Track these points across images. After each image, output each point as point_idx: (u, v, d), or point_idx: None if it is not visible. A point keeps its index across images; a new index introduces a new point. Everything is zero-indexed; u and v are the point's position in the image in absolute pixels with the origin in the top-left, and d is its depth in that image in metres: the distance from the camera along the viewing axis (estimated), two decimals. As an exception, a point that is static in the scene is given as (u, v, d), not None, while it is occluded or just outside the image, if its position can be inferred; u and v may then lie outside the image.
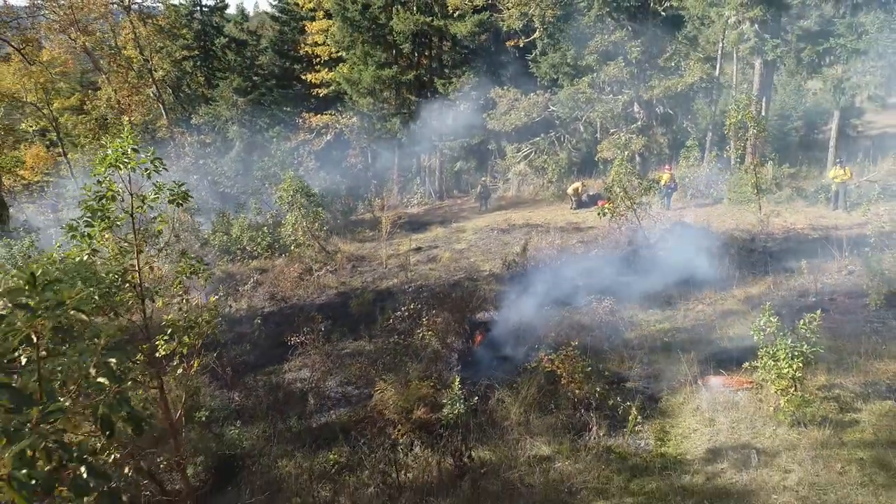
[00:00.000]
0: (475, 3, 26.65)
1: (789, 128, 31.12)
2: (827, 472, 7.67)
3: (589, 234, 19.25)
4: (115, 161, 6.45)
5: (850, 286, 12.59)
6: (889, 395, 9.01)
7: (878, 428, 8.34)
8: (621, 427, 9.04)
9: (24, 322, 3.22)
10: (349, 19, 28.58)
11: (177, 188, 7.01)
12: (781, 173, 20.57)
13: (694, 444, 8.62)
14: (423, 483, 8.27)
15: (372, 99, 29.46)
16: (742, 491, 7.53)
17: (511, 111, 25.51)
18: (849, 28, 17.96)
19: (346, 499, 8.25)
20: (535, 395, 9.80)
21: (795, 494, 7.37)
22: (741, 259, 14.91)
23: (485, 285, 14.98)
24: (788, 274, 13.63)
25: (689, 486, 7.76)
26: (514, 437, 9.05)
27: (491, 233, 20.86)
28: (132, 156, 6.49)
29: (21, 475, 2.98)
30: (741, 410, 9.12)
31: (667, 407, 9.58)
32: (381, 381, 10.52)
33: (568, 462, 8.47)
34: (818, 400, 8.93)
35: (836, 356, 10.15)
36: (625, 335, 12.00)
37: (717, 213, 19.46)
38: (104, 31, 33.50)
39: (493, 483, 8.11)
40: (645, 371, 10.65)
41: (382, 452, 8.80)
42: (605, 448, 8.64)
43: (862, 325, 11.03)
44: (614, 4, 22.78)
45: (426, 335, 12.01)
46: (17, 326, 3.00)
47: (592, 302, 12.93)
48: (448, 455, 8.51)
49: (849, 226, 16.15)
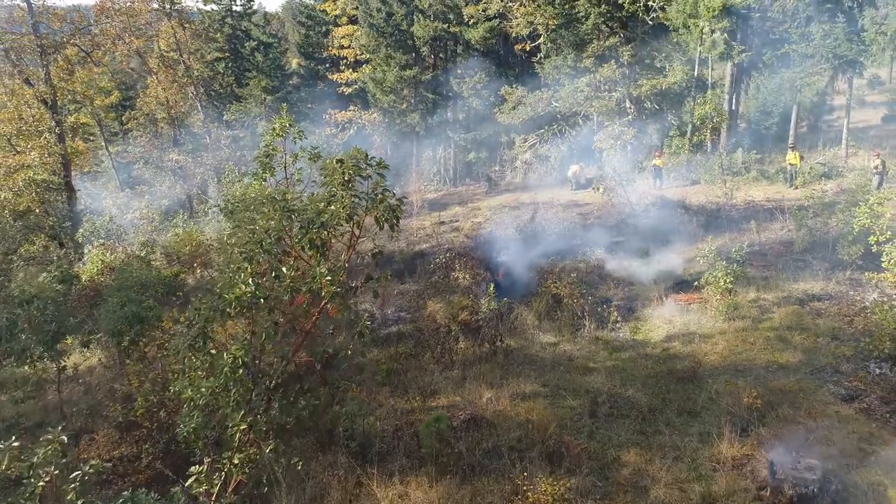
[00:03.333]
0: (487, 12, 30.31)
1: (770, 122, 34.79)
2: (743, 344, 11.40)
3: (586, 209, 22.89)
4: (279, 132, 10.14)
5: (785, 239, 16.29)
6: (796, 303, 12.71)
7: (784, 320, 12.05)
8: (606, 325, 12.75)
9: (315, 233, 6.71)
10: (374, 26, 32.26)
11: (312, 151, 10.69)
12: (750, 158, 24.20)
13: (656, 334, 12.35)
14: (468, 358, 11.96)
15: (394, 96, 33.11)
16: (686, 355, 11.25)
17: (518, 107, 29.15)
18: (801, 36, 21.58)
19: (414, 372, 11.92)
20: (544, 308, 13.52)
21: (719, 355, 11.09)
22: (708, 223, 18.56)
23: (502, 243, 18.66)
24: (742, 232, 17.31)
25: (650, 354, 11.48)
26: (531, 333, 12.77)
27: (503, 209, 24.51)
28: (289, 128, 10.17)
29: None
30: (692, 314, 12.83)
31: (639, 314, 13.31)
32: (430, 301, 14.22)
33: (568, 345, 12.18)
34: (746, 305, 12.65)
35: (766, 281, 13.85)
36: (612, 274, 15.68)
37: (694, 191, 23.11)
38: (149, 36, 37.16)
39: (518, 356, 11.83)
40: (625, 295, 14.36)
41: (437, 342, 12.47)
42: (594, 337, 12.38)
43: (787, 262, 14.73)
44: (608, 14, 26.42)
45: (459, 275, 15.69)
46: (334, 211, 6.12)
47: (587, 252, 16.61)
48: (485, 342, 12.21)
49: (797, 198, 19.80)
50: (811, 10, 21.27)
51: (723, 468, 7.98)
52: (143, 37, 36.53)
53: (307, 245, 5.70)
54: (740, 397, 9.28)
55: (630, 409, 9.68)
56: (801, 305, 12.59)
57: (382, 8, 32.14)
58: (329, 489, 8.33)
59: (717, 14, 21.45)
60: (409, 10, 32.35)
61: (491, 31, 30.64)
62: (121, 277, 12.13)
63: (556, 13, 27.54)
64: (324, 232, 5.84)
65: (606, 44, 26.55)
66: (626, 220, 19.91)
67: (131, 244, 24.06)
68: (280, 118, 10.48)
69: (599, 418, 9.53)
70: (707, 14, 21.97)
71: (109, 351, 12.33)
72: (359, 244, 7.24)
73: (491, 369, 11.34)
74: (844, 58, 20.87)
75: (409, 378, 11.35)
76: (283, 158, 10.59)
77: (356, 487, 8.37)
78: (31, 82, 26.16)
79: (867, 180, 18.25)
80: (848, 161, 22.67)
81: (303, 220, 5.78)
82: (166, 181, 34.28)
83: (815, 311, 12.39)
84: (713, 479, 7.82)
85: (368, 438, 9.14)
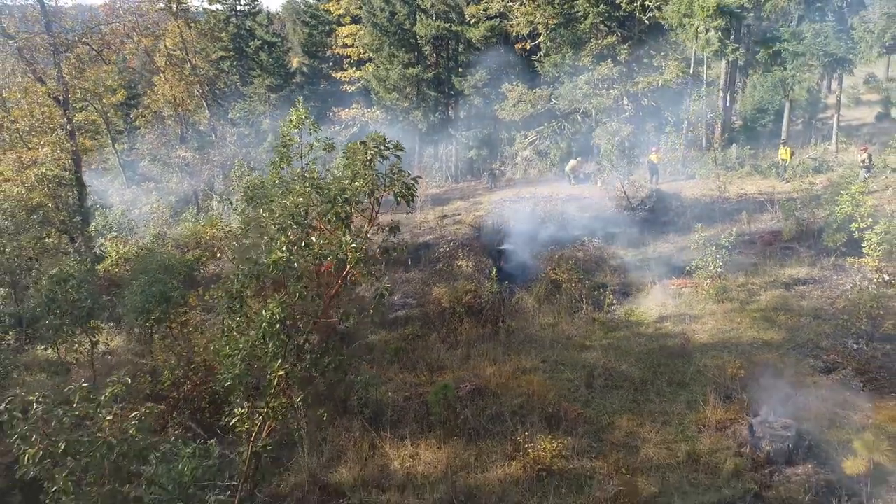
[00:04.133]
0: (488, 11, 31.03)
1: (765, 120, 35.54)
2: (730, 323, 12.12)
3: (585, 202, 23.55)
4: (296, 123, 10.84)
5: (774, 228, 17.00)
6: (782, 287, 13.42)
7: (770, 302, 12.77)
8: (602, 308, 13.46)
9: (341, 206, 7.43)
10: (378, 25, 32.98)
11: (327, 141, 11.39)
12: (744, 154, 24.91)
13: (649, 315, 13.06)
14: (472, 338, 12.66)
15: (397, 94, 33.83)
16: (677, 333, 11.97)
17: (519, 104, 29.88)
18: (792, 35, 22.27)
19: (421, 351, 12.63)
20: (544, 292, 14.25)
21: (708, 334, 11.82)
22: (701, 214, 19.26)
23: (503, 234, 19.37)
24: (733, 222, 18.01)
25: (643, 333, 12.20)
26: (531, 315, 13.49)
27: (504, 203, 25.18)
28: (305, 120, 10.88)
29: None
30: (683, 298, 13.55)
31: (634, 298, 14.03)
32: (435, 287, 14.94)
33: (566, 326, 12.90)
34: (735, 288, 13.36)
35: (754, 267, 14.56)
36: (608, 262, 16.39)
37: (689, 185, 23.81)
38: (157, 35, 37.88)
39: (519, 336, 12.54)
40: (621, 280, 15.07)
41: (443, 323, 13.19)
42: (591, 318, 13.10)
43: (776, 250, 15.44)
44: (606, 14, 27.15)
45: (462, 263, 16.40)
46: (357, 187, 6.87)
47: (585, 241, 17.32)
48: (488, 323, 12.93)
49: (787, 191, 20.52)
50: (802, 10, 21.96)
51: (707, 430, 8.71)
52: (151, 36, 37.22)
53: (333, 218, 6.43)
54: (725, 369, 10.01)
55: (623, 381, 10.40)
56: (787, 289, 13.31)
57: (386, 7, 32.85)
58: (345, 451, 9.07)
59: (712, 13, 22.15)
60: (411, 10, 33.05)
61: (492, 30, 31.35)
62: (145, 262, 12.85)
63: (556, 13, 28.27)
64: (348, 206, 6.57)
65: (604, 42, 27.27)
66: (623, 213, 20.61)
67: (142, 237, 24.83)
68: (296, 110, 11.17)
69: (595, 389, 10.25)
70: (701, 13, 22.67)
71: (133, 331, 13.06)
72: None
73: (493, 347, 12.06)
74: (834, 56, 21.58)
75: (416, 356, 12.07)
76: (300, 148, 11.30)
77: (370, 449, 9.10)
78: (43, 80, 26.86)
79: (854, 173, 18.96)
80: (838, 156, 23.37)
81: (329, 196, 6.50)
82: (174, 177, 35.05)
83: (799, 293, 13.12)
84: (698, 440, 8.55)
85: (380, 407, 9.87)
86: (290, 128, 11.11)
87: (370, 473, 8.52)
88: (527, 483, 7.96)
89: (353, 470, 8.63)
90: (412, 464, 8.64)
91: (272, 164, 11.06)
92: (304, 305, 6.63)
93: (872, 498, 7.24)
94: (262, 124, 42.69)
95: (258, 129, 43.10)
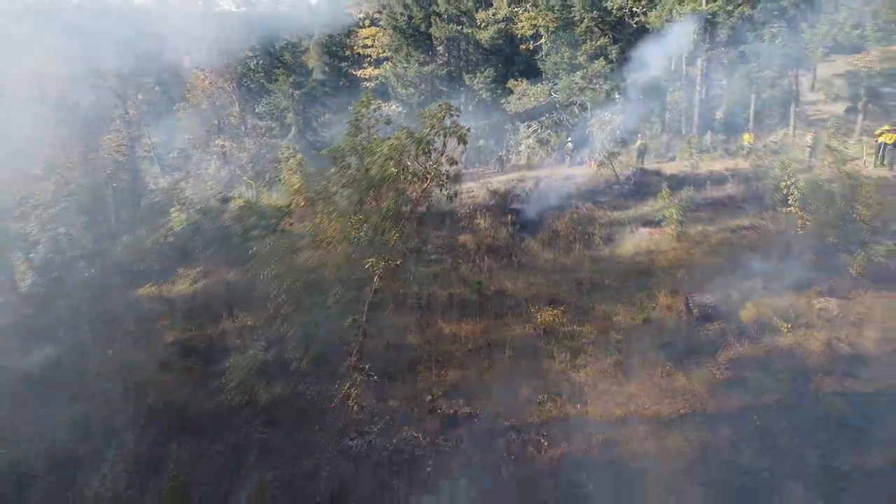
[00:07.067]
0: (496, 16, 35.17)
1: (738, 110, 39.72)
2: (686, 254, 16.20)
3: (580, 181, 27.65)
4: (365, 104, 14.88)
5: (731, 194, 21.09)
6: (728, 232, 17.49)
7: (717, 242, 16.83)
8: (591, 248, 17.53)
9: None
10: (397, 28, 37.08)
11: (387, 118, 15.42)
12: (716, 139, 29.07)
13: (627, 250, 17.15)
14: (492, 268, 16.70)
15: (413, 89, 37.90)
16: (648, 261, 16.04)
17: (523, 97, 34.00)
18: (756, 37, 26.33)
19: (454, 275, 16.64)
20: (546, 239, 18.29)
21: (669, 260, 15.89)
22: (675, 185, 23.31)
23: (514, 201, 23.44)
24: (699, 190, 22.08)
25: (621, 261, 16.28)
26: (536, 253, 17.55)
27: (511, 182, 29.28)
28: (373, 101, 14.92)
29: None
30: (653, 240, 17.61)
31: (615, 242, 18.11)
32: (460, 237, 19.00)
33: (563, 259, 16.96)
34: (694, 234, 17.44)
35: (710, 220, 18.62)
36: (597, 220, 20.44)
37: (669, 165, 27.92)
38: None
39: (528, 265, 16.60)
40: (606, 232, 19.13)
41: (469, 259, 17.23)
42: (583, 254, 17.15)
43: (729, 208, 19.51)
44: (599, 19, 31.31)
45: (480, 221, 20.43)
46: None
47: (580, 205, 21.39)
48: (503, 257, 16.98)
49: (746, 167, 24.63)
50: (763, 16, 26.09)
51: (658, 307, 12.78)
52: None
53: (422, 150, 10.46)
54: (676, 276, 14.07)
55: (604, 287, 14.46)
56: (732, 233, 17.38)
57: (404, 12, 36.97)
58: (409, 326, 13.13)
59: (688, 18, 26.28)
60: (427, 14, 37.16)
61: (499, 32, 35.50)
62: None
63: (556, 17, 32.43)
64: (427, 144, 10.59)
65: (598, 43, 31.39)
66: (612, 187, 24.68)
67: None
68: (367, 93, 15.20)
69: (583, 292, 14.31)
70: (680, 18, 26.79)
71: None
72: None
73: (508, 271, 16.12)
74: (789, 55, 25.67)
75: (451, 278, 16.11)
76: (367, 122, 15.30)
77: (427, 327, 13.15)
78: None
79: (800, 152, 23.07)
80: (795, 140, 27.51)
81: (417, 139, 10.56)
82: (212, 165, 39.09)
83: (741, 236, 17.19)
84: (651, 312, 12.61)
85: (431, 301, 13.93)
86: (361, 107, 15.14)
87: (427, 336, 12.59)
88: (536, 336, 12.02)
89: (416, 336, 12.68)
90: (458, 329, 12.70)
91: (349, 133, 15.10)
92: (400, 205, 10.71)
93: (759, 334, 11.32)
94: (287, 118, 46.70)
95: (283, 124, 47.10)
